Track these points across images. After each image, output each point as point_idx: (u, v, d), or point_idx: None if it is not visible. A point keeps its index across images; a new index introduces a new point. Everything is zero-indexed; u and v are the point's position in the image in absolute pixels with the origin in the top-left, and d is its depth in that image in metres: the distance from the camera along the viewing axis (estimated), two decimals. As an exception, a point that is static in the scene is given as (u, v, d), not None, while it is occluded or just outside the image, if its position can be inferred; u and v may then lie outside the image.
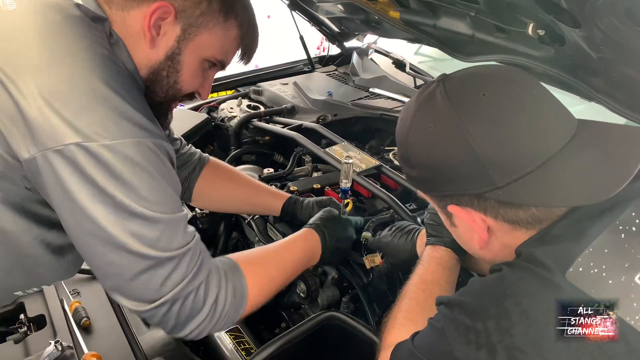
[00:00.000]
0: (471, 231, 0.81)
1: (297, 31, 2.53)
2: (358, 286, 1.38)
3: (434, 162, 0.78)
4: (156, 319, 0.88)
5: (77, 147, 0.75)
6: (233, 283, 0.95)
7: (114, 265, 0.82)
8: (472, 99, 0.75)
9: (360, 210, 1.59)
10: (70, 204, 0.78)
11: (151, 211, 0.81)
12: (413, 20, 1.69)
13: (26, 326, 1.34)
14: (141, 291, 0.84)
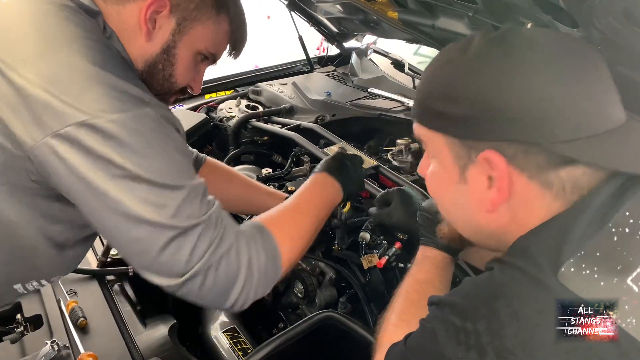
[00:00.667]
0: (485, 190, 0.72)
1: (296, 31, 2.53)
2: (356, 286, 1.37)
3: (498, 99, 0.67)
4: (194, 293, 0.85)
5: (82, 126, 0.75)
6: (263, 243, 0.93)
7: (140, 242, 0.80)
8: (548, 49, 0.69)
9: (358, 211, 1.59)
10: (84, 186, 0.77)
11: (168, 180, 0.81)
12: (411, 21, 1.69)
13: (23, 326, 1.34)
14: (171, 265, 0.81)
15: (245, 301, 0.90)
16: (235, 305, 0.90)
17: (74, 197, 0.81)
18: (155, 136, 0.81)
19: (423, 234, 1.12)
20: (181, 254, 0.81)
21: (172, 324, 1.38)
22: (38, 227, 0.88)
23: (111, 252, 1.53)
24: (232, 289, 0.88)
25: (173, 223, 0.80)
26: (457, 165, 0.75)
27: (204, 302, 0.88)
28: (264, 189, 1.50)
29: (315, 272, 1.46)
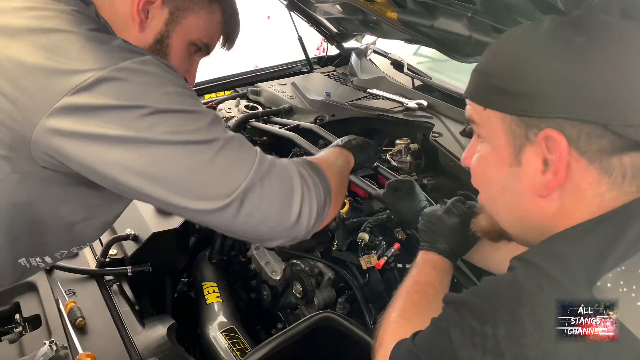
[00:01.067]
0: (538, 174, 0.69)
1: (296, 31, 2.53)
2: (354, 287, 1.37)
3: (569, 75, 0.65)
4: (256, 206, 0.81)
5: (92, 81, 0.75)
6: (310, 165, 0.93)
7: (187, 167, 0.78)
8: (629, 37, 0.66)
9: (357, 211, 1.59)
10: (110, 144, 0.76)
11: (193, 107, 0.81)
12: (410, 21, 1.69)
13: (21, 326, 1.34)
14: (225, 179, 0.80)
15: (310, 213, 0.88)
16: (301, 217, 0.87)
17: (98, 160, 0.78)
18: (163, 74, 0.82)
19: (423, 239, 1.13)
20: (231, 164, 0.80)
21: (171, 324, 1.38)
22: (49, 208, 0.89)
23: (110, 252, 1.53)
24: (292, 195, 0.86)
25: (212, 136, 0.80)
26: (512, 146, 0.72)
27: (270, 216, 0.84)
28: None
29: (313, 273, 1.46)
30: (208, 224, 0.84)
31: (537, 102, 0.67)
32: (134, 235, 1.55)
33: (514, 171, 0.72)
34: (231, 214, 0.80)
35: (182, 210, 0.81)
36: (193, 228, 1.81)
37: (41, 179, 0.84)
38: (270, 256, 1.60)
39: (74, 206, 0.91)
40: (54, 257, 1.00)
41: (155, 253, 1.55)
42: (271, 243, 0.91)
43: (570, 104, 0.65)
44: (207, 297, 1.58)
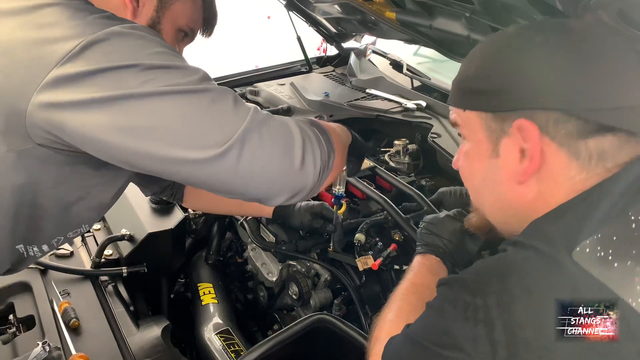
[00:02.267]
0: (516, 163, 0.75)
1: (295, 31, 2.52)
2: (350, 288, 1.36)
3: (530, 68, 0.72)
4: (257, 151, 0.79)
5: (82, 46, 0.76)
6: (304, 119, 0.92)
7: (182, 116, 0.77)
8: (597, 33, 0.74)
9: (354, 212, 1.58)
10: (104, 105, 0.76)
11: (179, 62, 0.81)
12: (409, 21, 1.68)
13: (15, 327, 1.33)
14: (221, 124, 0.78)
15: (314, 160, 0.85)
16: (306, 163, 0.84)
17: (94, 126, 0.77)
18: (151, 37, 0.83)
19: (422, 241, 1.13)
20: (226, 112, 0.78)
21: (165, 326, 1.37)
22: (47, 189, 0.89)
23: (105, 252, 1.52)
24: (293, 142, 0.83)
25: (205, 86, 0.79)
26: (490, 140, 0.78)
27: (273, 161, 0.81)
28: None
29: (310, 274, 1.45)
30: (210, 178, 0.80)
31: (505, 98, 0.74)
32: (129, 235, 1.54)
33: (494, 162, 0.78)
34: (232, 161, 0.77)
35: (182, 164, 0.78)
36: (189, 228, 1.80)
37: (38, 158, 0.84)
38: (266, 257, 1.59)
39: (70, 185, 0.91)
40: (51, 245, 0.99)
41: (151, 253, 1.54)
42: (278, 198, 0.86)
43: (535, 95, 0.71)
44: (202, 298, 1.57)
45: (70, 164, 0.88)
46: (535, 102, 0.71)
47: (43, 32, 0.80)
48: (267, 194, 0.85)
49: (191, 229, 1.80)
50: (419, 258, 1.10)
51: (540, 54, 0.72)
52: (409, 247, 1.44)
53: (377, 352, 0.84)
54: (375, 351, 0.87)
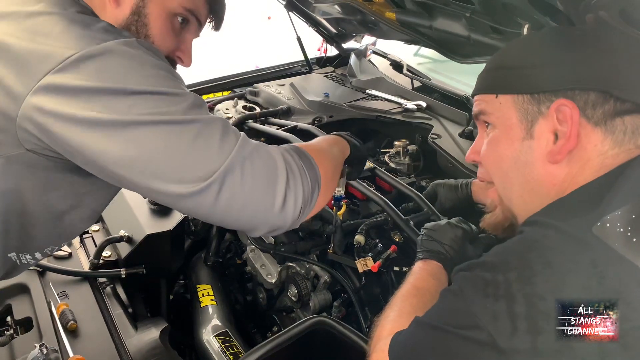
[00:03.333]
0: (550, 144, 0.77)
1: (295, 32, 2.52)
2: (350, 290, 1.35)
3: (574, 48, 0.77)
4: (237, 189, 0.78)
5: (75, 59, 0.76)
6: (296, 151, 0.90)
7: (165, 148, 0.76)
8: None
9: (354, 213, 1.57)
10: (90, 126, 0.75)
11: (168, 87, 0.80)
12: (409, 21, 1.67)
13: (13, 329, 1.32)
14: (203, 159, 0.77)
15: (295, 201, 0.84)
16: (286, 204, 0.82)
17: (80, 142, 0.76)
18: (145, 56, 0.81)
19: (423, 247, 1.13)
20: (210, 147, 0.78)
21: (164, 328, 1.36)
22: (37, 196, 0.88)
23: (103, 254, 1.52)
24: (276, 181, 0.82)
25: (192, 117, 0.78)
26: (524, 123, 0.80)
27: (252, 202, 0.80)
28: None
29: (309, 276, 1.44)
30: (189, 210, 0.81)
31: (547, 78, 0.77)
32: (127, 237, 1.53)
33: (527, 144, 0.80)
34: (210, 198, 0.77)
35: (162, 195, 0.78)
36: (188, 230, 1.79)
37: (27, 163, 0.83)
38: (265, 259, 1.58)
39: (61, 193, 0.90)
40: (44, 253, 0.98)
41: (150, 255, 1.54)
42: (255, 232, 0.87)
43: (576, 76, 0.74)
44: (201, 300, 1.56)
45: (60, 171, 0.87)
46: (575, 83, 0.74)
47: (37, 39, 0.79)
48: (245, 228, 0.86)
49: (190, 230, 1.80)
50: (420, 263, 1.10)
51: (580, 43, 0.77)
52: (409, 249, 1.43)
53: (382, 348, 0.83)
54: (379, 347, 0.86)
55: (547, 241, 0.68)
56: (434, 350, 0.73)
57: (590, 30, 0.80)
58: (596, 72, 0.74)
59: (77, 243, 1.63)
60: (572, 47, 0.77)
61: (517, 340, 0.64)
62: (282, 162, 0.84)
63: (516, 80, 0.80)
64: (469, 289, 0.71)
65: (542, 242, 0.69)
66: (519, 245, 0.72)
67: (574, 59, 0.76)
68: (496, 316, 0.65)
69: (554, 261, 0.66)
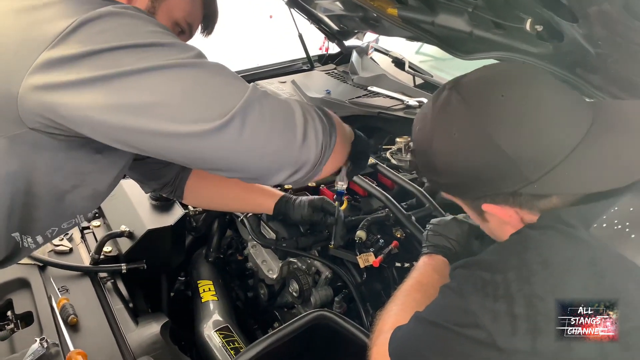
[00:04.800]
0: (503, 224, 0.82)
1: (296, 29, 2.51)
2: (351, 286, 1.35)
3: (465, 168, 0.79)
4: (257, 123, 0.78)
5: (74, 26, 0.75)
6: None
7: (183, 90, 0.75)
8: (491, 102, 0.77)
9: (355, 209, 1.57)
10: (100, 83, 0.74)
11: (174, 40, 0.80)
12: (411, 17, 1.66)
13: (13, 323, 1.32)
14: (221, 97, 0.77)
15: (316, 134, 0.84)
16: (307, 136, 0.82)
17: (89, 105, 0.75)
18: (145, 17, 0.81)
19: (428, 242, 1.13)
20: (226, 85, 0.78)
21: (165, 323, 1.36)
22: (41, 176, 0.87)
23: (104, 249, 1.51)
24: (293, 115, 0.82)
25: (203, 61, 0.79)
26: (475, 213, 0.87)
27: (275, 133, 0.80)
28: (260, 187, 1.47)
29: (310, 271, 1.44)
30: (213, 152, 0.78)
31: (460, 191, 0.86)
32: (128, 232, 1.53)
33: (487, 226, 0.89)
34: (234, 134, 0.76)
35: (183, 139, 0.76)
36: (189, 226, 1.79)
37: (31, 143, 0.83)
38: (266, 254, 1.58)
39: (64, 173, 0.90)
40: (45, 236, 0.97)
41: (150, 250, 1.53)
42: (280, 174, 0.84)
43: (485, 185, 0.78)
44: (202, 295, 1.56)
45: (64, 150, 0.87)
46: (484, 192, 0.80)
47: (34, 14, 0.79)
48: (269, 169, 0.84)
49: (191, 226, 1.79)
50: (425, 258, 1.09)
51: (463, 153, 0.78)
52: (410, 245, 1.42)
53: (382, 342, 0.83)
54: (380, 341, 0.86)
55: (545, 239, 0.69)
56: (433, 347, 0.74)
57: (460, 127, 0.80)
58: (493, 179, 0.77)
59: (78, 238, 1.62)
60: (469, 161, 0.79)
61: (517, 340, 0.64)
62: (296, 102, 0.85)
63: (445, 189, 0.89)
64: (468, 287, 0.71)
65: (540, 241, 0.69)
66: (516, 244, 0.72)
67: (469, 174, 0.79)
68: (496, 316, 0.66)
69: (552, 260, 0.66)
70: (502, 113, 0.75)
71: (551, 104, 0.75)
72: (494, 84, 0.79)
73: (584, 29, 0.98)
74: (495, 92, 0.77)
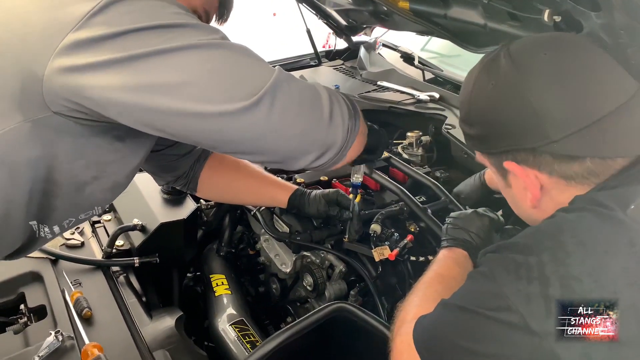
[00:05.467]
0: (525, 190, 0.82)
1: (304, 24, 2.50)
2: (367, 278, 1.34)
3: (493, 118, 0.81)
4: (286, 101, 0.79)
5: (100, 7, 0.75)
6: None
7: (213, 69, 0.76)
8: (533, 58, 0.78)
9: (368, 203, 1.56)
10: (129, 64, 0.74)
11: (198, 22, 0.81)
12: (423, 11, 1.65)
13: (26, 317, 1.31)
14: (249, 78, 0.77)
15: (342, 114, 0.86)
16: (334, 115, 0.84)
17: (118, 86, 0.75)
18: (172, 1, 0.82)
19: (448, 235, 1.11)
20: (254, 65, 0.79)
21: (179, 316, 1.35)
22: (63, 163, 0.86)
23: (116, 243, 1.50)
24: (319, 95, 0.84)
25: (228, 42, 0.79)
26: (500, 175, 0.87)
27: (303, 112, 0.81)
28: (274, 180, 1.47)
29: (324, 265, 1.43)
30: (243, 132, 0.78)
31: (488, 143, 0.84)
32: (141, 225, 1.52)
33: (510, 192, 0.89)
34: (264, 113, 0.76)
35: (212, 120, 0.76)
36: (200, 220, 1.78)
37: (54, 128, 0.82)
38: (279, 248, 1.57)
39: (86, 162, 0.90)
40: (62, 227, 0.97)
41: (163, 244, 1.52)
42: (307, 156, 0.85)
43: (505, 139, 0.79)
44: (215, 290, 1.55)
45: (86, 136, 0.86)
46: (508, 145, 0.79)
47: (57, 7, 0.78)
48: (296, 150, 0.84)
49: (202, 220, 1.79)
50: (444, 251, 1.08)
51: (495, 102, 0.80)
52: (425, 239, 1.42)
53: (406, 332, 0.82)
54: (402, 331, 0.84)
55: (581, 222, 0.68)
56: (462, 332, 0.72)
57: (498, 79, 0.81)
58: (517, 131, 0.78)
59: (89, 232, 1.62)
60: (497, 111, 0.81)
61: (552, 322, 0.63)
62: (320, 85, 0.86)
63: (473, 143, 0.89)
64: (500, 270, 0.70)
65: (576, 223, 0.68)
66: (551, 226, 0.71)
67: (498, 124, 0.81)
68: (529, 298, 0.65)
69: (589, 242, 0.65)
70: (539, 69, 0.76)
71: (591, 69, 0.76)
72: (541, 44, 0.82)
73: (604, 18, 0.97)
74: (539, 51, 0.79)
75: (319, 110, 0.83)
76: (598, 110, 0.72)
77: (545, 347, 0.63)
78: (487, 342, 0.68)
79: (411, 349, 0.79)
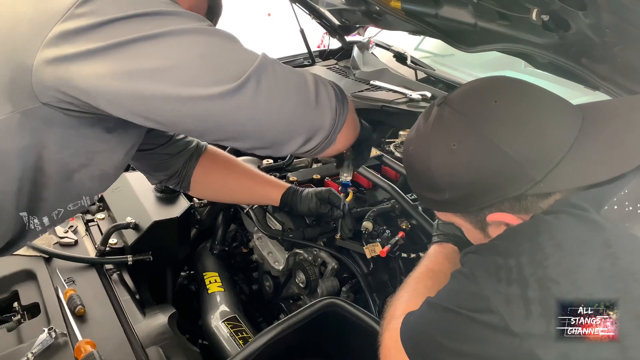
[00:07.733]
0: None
1: (298, 24, 2.51)
2: (358, 275, 1.35)
3: (468, 178, 0.78)
4: (273, 81, 0.80)
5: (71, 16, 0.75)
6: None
7: (200, 54, 0.77)
8: (486, 108, 0.78)
9: (360, 201, 1.57)
10: (116, 50, 0.75)
11: (186, 11, 0.82)
12: (415, 10, 1.66)
13: (20, 314, 1.32)
14: (234, 62, 0.78)
15: (329, 96, 0.86)
16: (320, 98, 0.84)
17: (105, 73, 0.76)
18: None
19: (439, 231, 1.13)
20: (239, 50, 0.80)
21: (172, 313, 1.36)
22: (52, 153, 0.87)
23: (110, 241, 1.51)
24: (305, 80, 0.84)
25: (215, 29, 0.80)
26: (477, 228, 0.86)
27: (290, 95, 0.82)
28: (267, 178, 1.48)
29: (317, 262, 1.44)
30: (230, 115, 0.79)
31: (467, 204, 0.82)
32: (134, 223, 1.53)
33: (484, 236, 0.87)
34: (249, 95, 0.77)
35: (198, 103, 0.77)
36: (194, 219, 1.79)
37: (43, 119, 0.83)
38: (272, 246, 1.58)
39: (74, 151, 0.90)
40: (51, 218, 0.97)
41: (156, 242, 1.53)
42: (295, 140, 0.86)
43: (491, 192, 0.77)
44: (208, 287, 1.56)
45: (75, 127, 0.87)
46: (492, 199, 0.78)
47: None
48: (284, 133, 0.85)
49: (196, 219, 1.79)
50: (435, 246, 1.10)
51: (473, 160, 0.77)
52: (416, 236, 1.43)
53: (394, 328, 0.83)
54: (391, 327, 0.86)
55: (558, 223, 0.69)
56: (446, 332, 0.74)
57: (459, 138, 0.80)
58: (496, 184, 0.77)
59: (83, 231, 1.62)
60: (465, 170, 0.79)
61: (531, 324, 0.64)
62: (305, 70, 0.87)
63: (442, 205, 0.88)
64: (480, 272, 0.71)
65: (553, 225, 0.69)
66: (529, 227, 0.73)
67: (475, 184, 0.79)
68: (509, 300, 0.66)
69: (565, 243, 0.66)
70: (499, 116, 0.76)
71: (543, 104, 0.77)
72: (484, 92, 0.81)
73: (591, 17, 0.99)
74: (487, 99, 0.78)
75: (304, 93, 0.83)
76: (567, 139, 0.74)
77: (525, 348, 0.64)
78: (469, 342, 0.70)
79: (399, 344, 0.81)
